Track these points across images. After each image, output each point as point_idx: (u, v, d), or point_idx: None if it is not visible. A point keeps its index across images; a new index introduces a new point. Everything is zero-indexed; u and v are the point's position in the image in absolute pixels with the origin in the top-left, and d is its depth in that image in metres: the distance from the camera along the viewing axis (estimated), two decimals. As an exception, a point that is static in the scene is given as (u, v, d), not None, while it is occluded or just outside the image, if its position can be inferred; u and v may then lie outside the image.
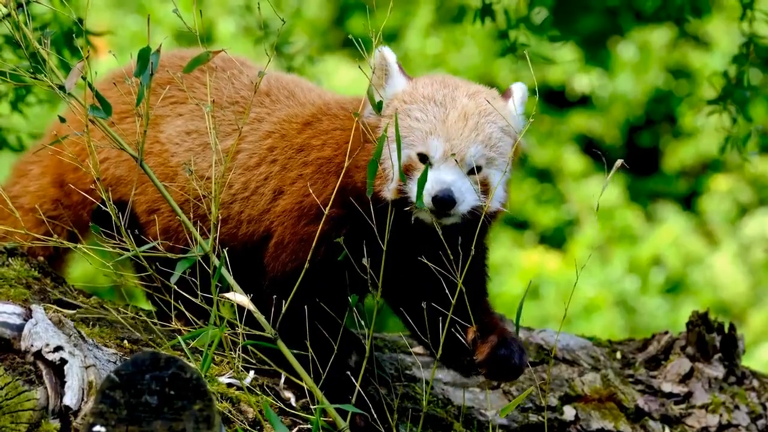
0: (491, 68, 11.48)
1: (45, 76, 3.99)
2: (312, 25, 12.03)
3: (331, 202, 4.17)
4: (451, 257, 4.08)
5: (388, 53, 4.28)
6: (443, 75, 4.35)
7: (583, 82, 12.25)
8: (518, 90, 4.36)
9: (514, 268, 11.34)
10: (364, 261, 4.08)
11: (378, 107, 4.17)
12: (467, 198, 4.14)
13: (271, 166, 4.44)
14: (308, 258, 4.12)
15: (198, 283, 4.00)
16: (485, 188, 4.19)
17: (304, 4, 12.04)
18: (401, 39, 11.98)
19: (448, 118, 4.17)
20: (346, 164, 4.17)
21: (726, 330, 5.25)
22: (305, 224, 4.29)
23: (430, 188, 4.10)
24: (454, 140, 4.14)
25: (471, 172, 4.16)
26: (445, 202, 4.09)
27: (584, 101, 12.43)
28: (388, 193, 4.15)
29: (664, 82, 12.44)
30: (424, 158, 4.15)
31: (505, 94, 4.36)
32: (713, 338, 5.21)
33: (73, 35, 5.47)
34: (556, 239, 12.01)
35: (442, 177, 4.11)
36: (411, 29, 11.91)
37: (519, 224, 12.10)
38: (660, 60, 12.36)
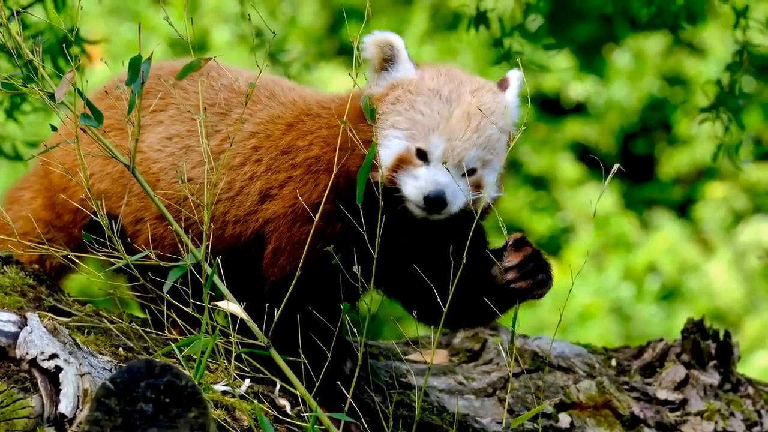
0: (486, 76, 11.45)
1: (37, 84, 3.98)
2: (307, 33, 12.04)
3: (324, 198, 4.18)
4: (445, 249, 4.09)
5: (395, 38, 4.27)
6: (450, 67, 4.36)
7: (578, 89, 12.26)
8: (515, 79, 4.38)
9: (510, 275, 11.30)
10: (355, 269, 4.08)
11: (371, 115, 4.17)
12: (458, 200, 4.15)
13: (255, 165, 4.43)
14: (305, 258, 4.12)
15: (190, 292, 4.00)
16: (478, 189, 4.20)
17: (299, 12, 12.05)
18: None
19: (452, 117, 4.17)
20: (336, 158, 4.17)
21: (721, 337, 5.25)
22: (300, 225, 4.29)
23: (424, 187, 4.11)
24: (455, 141, 4.15)
25: (466, 173, 4.17)
26: (436, 203, 4.11)
27: (579, 109, 12.44)
28: (380, 177, 4.15)
29: (659, 89, 12.45)
30: (422, 154, 4.16)
31: (502, 84, 4.38)
32: (708, 345, 5.22)
33: (64, 44, 5.46)
34: (551, 247, 11.99)
35: (437, 178, 4.12)
36: (406, 37, 11.89)
37: (514, 231, 12.07)
38: (655, 67, 12.37)
